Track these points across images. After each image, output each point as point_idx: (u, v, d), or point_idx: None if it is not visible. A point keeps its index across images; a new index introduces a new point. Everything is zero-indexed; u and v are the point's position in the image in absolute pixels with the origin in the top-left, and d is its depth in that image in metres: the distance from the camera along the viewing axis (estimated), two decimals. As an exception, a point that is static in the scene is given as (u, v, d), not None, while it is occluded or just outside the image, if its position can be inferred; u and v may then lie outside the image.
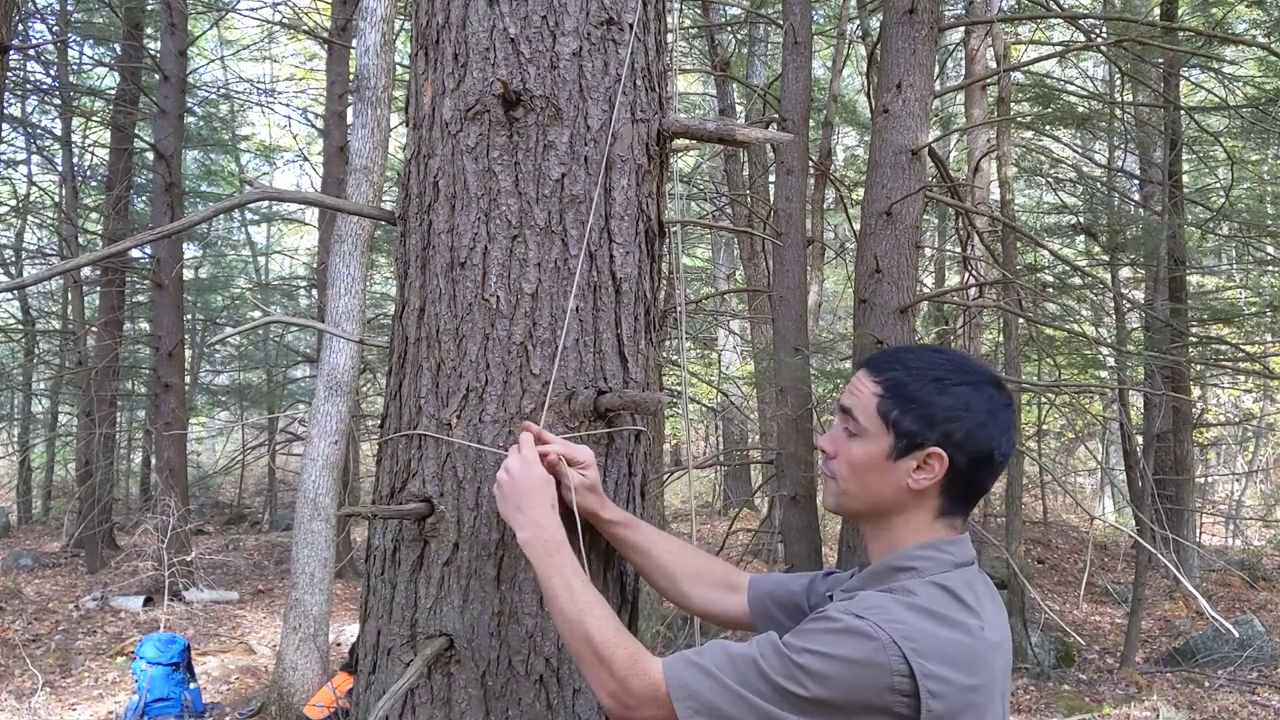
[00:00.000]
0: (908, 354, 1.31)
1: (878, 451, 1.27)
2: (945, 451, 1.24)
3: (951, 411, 1.24)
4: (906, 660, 1.12)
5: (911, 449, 1.26)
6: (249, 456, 15.30)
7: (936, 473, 1.25)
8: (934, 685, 1.12)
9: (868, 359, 1.34)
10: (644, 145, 1.58)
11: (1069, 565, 11.38)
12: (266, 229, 19.45)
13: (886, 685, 1.12)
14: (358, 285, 5.86)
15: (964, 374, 1.27)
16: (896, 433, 1.26)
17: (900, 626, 1.15)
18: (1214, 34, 7.84)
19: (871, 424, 1.28)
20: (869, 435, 1.28)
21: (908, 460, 1.26)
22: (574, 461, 1.44)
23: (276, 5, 13.44)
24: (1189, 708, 6.46)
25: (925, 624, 1.16)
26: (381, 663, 1.56)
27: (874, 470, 1.28)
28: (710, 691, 1.17)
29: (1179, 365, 8.46)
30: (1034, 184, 13.38)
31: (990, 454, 1.26)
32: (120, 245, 1.75)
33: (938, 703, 1.13)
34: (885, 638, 1.13)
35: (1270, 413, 14.42)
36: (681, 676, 1.19)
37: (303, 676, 5.89)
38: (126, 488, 16.38)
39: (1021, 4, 10.61)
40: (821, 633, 1.17)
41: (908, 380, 1.27)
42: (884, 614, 1.16)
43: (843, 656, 1.13)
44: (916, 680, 1.12)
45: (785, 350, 6.83)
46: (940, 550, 1.26)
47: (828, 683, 1.13)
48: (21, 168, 14.59)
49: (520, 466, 1.38)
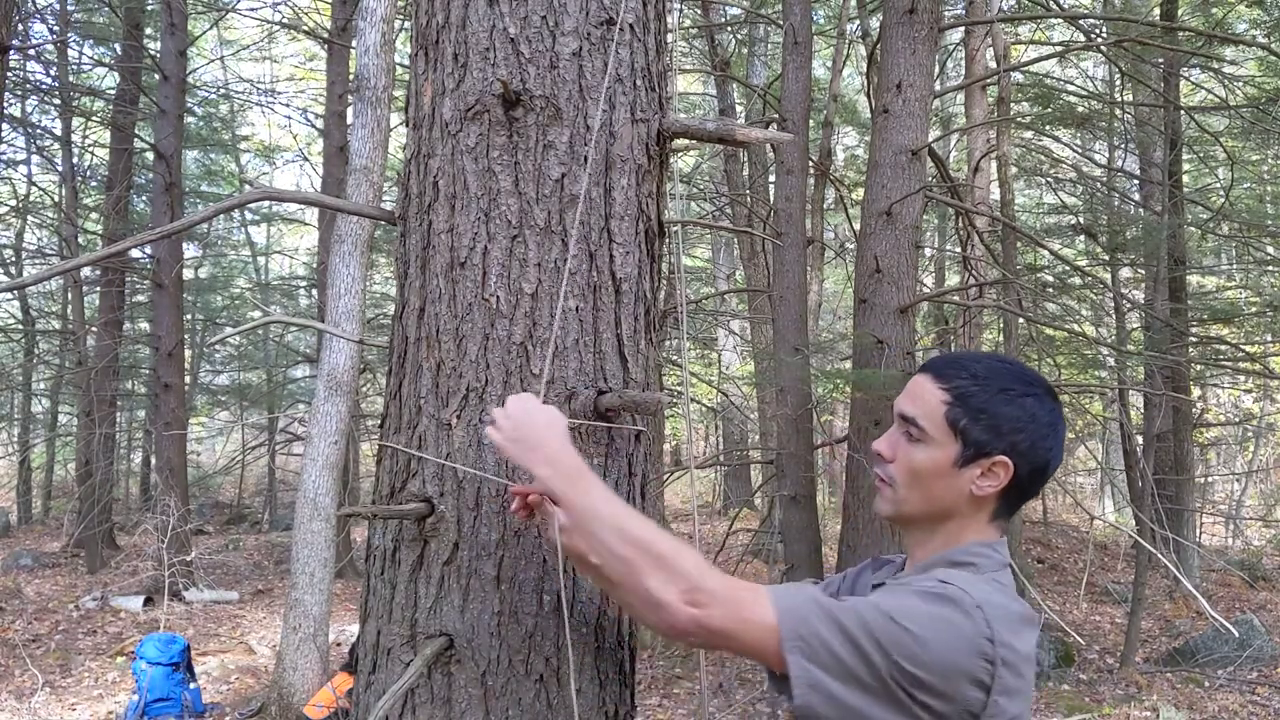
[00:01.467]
0: (973, 362, 1.32)
1: (944, 458, 1.29)
2: (1012, 460, 1.27)
3: (1018, 422, 1.27)
4: (989, 625, 1.14)
5: (979, 457, 1.28)
6: (249, 456, 15.30)
7: (1001, 480, 1.28)
8: (1007, 654, 1.14)
9: (929, 364, 1.35)
10: (644, 145, 1.58)
11: (1069, 565, 11.38)
12: (266, 229, 19.46)
13: (976, 649, 1.13)
14: (358, 285, 5.86)
15: (1028, 385, 1.30)
16: (965, 441, 1.28)
17: (981, 595, 1.17)
18: (1214, 34, 7.83)
19: (938, 431, 1.29)
20: (934, 442, 1.29)
21: (973, 468, 1.28)
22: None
23: (276, 5, 13.45)
24: (1189, 708, 6.46)
25: (996, 596, 1.19)
26: (381, 663, 1.56)
27: (938, 477, 1.29)
28: (820, 623, 1.14)
29: (1179, 365, 8.46)
30: (1034, 184, 13.39)
31: (1048, 464, 1.30)
32: (120, 245, 1.75)
33: (1008, 672, 1.14)
34: (971, 600, 1.15)
35: (1270, 413, 14.42)
36: (789, 600, 1.17)
37: (303, 676, 5.89)
38: (126, 488, 16.39)
39: (1021, 4, 10.61)
40: (918, 596, 1.17)
41: (976, 390, 1.28)
42: (964, 581, 1.19)
43: (939, 615, 1.14)
44: (995, 647, 1.13)
45: (785, 350, 6.83)
46: (995, 551, 1.30)
47: (928, 640, 1.12)
48: (21, 168, 14.60)
49: (520, 409, 1.32)
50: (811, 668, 1.13)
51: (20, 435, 15.53)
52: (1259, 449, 15.28)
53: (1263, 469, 14.96)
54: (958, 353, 1.39)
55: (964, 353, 1.38)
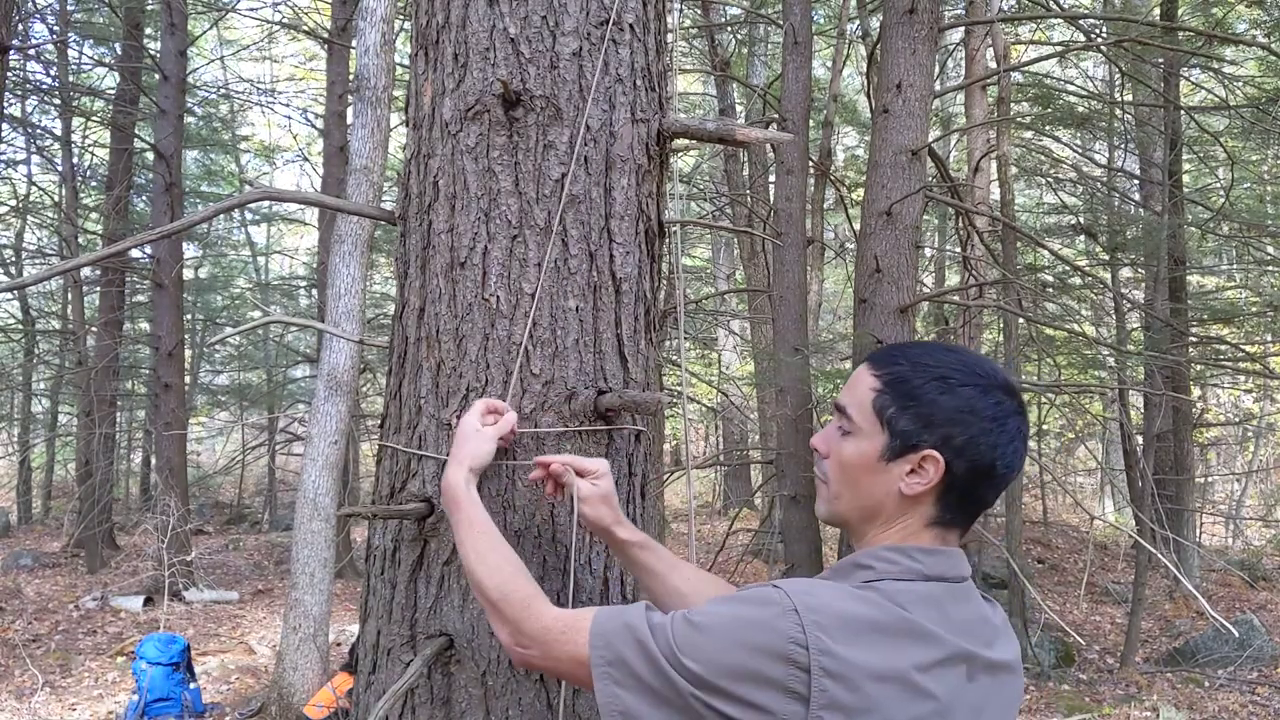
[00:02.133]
0: (914, 349, 1.20)
1: (871, 450, 1.16)
2: (942, 456, 1.13)
3: (953, 413, 1.13)
4: (805, 629, 1.02)
5: (906, 450, 1.15)
6: (249, 456, 15.30)
7: (931, 478, 1.14)
8: (832, 664, 1.01)
9: (871, 354, 1.23)
10: (644, 145, 1.58)
11: (1069, 565, 11.38)
12: (266, 229, 19.46)
13: (779, 652, 1.02)
14: (358, 285, 5.86)
15: (973, 375, 1.15)
16: (891, 431, 1.15)
17: (809, 599, 1.05)
18: (1214, 34, 7.83)
19: (866, 421, 1.17)
20: (862, 433, 1.17)
21: (901, 463, 1.15)
22: (584, 471, 1.42)
23: (276, 5, 13.45)
24: (1189, 708, 6.46)
25: (846, 603, 1.06)
26: (381, 663, 1.56)
27: (866, 471, 1.17)
28: (625, 646, 1.10)
29: (1179, 365, 8.46)
30: (1034, 184, 13.37)
31: (993, 465, 1.14)
32: (120, 245, 1.75)
33: (837, 686, 1.01)
34: (788, 604, 1.04)
35: (1270, 413, 14.42)
36: (603, 625, 1.14)
37: (303, 676, 5.89)
38: (126, 488, 16.39)
39: (1021, 4, 10.61)
40: (729, 600, 1.11)
41: (910, 376, 1.16)
42: (798, 585, 1.08)
43: (741, 616, 1.06)
44: (810, 653, 1.01)
45: (785, 350, 6.83)
46: (909, 557, 1.13)
47: (718, 640, 1.05)
48: (21, 168, 14.60)
49: (460, 424, 1.42)
50: (619, 692, 1.09)
51: (20, 435, 15.53)
52: (1259, 449, 15.28)
53: (1263, 469, 14.96)
54: (908, 342, 1.25)
55: (915, 342, 1.26)
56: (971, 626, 1.12)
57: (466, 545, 1.31)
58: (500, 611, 1.23)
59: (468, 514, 1.33)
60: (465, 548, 1.31)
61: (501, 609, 1.23)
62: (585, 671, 1.13)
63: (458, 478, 1.36)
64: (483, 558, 1.28)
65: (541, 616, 1.20)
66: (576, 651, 1.14)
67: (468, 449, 1.38)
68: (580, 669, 1.14)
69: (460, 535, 1.32)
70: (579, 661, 1.14)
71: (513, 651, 1.23)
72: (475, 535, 1.31)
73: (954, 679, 1.07)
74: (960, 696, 1.08)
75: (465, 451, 1.38)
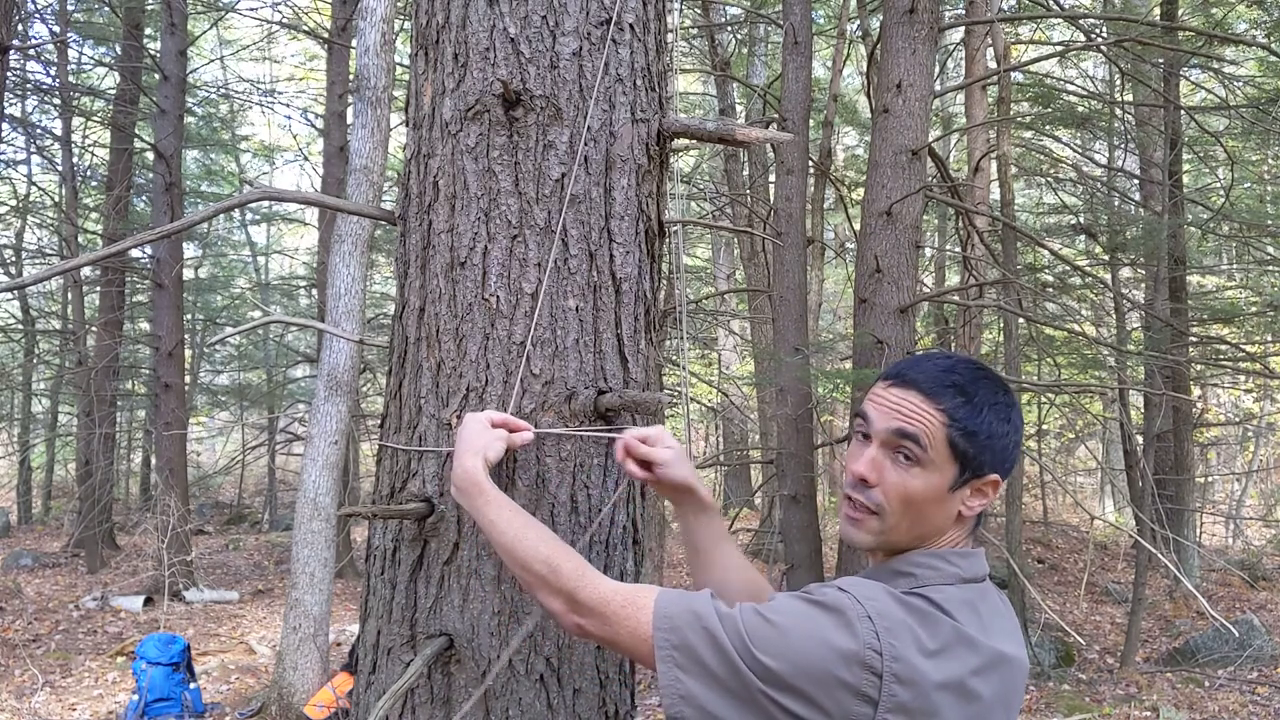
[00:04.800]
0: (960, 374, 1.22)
1: (941, 483, 1.20)
2: (1001, 476, 1.22)
3: (1009, 438, 1.22)
4: (879, 636, 1.07)
5: (973, 478, 1.21)
6: (249, 456, 15.30)
7: (991, 498, 1.22)
8: (902, 670, 1.06)
9: (909, 378, 1.23)
10: (644, 145, 1.58)
11: (1069, 565, 11.38)
12: (266, 229, 19.46)
13: (857, 657, 1.06)
14: (358, 285, 5.86)
15: (1006, 393, 1.23)
16: (963, 464, 1.20)
17: (876, 604, 1.10)
18: (1214, 34, 7.82)
19: (940, 455, 1.19)
20: (933, 465, 1.19)
21: (964, 489, 1.21)
22: (649, 440, 1.44)
23: (276, 5, 13.45)
24: (1189, 708, 6.46)
25: (904, 613, 1.11)
26: (381, 663, 1.56)
27: (933, 503, 1.21)
28: (693, 632, 1.12)
29: (1179, 365, 8.46)
30: (1034, 184, 13.38)
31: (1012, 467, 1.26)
32: (120, 245, 1.75)
33: (905, 691, 1.06)
34: (860, 610, 1.09)
35: (1270, 413, 14.41)
36: (669, 608, 1.15)
37: (303, 676, 5.89)
38: (126, 488, 16.40)
39: (1021, 4, 10.61)
40: (799, 599, 1.14)
41: (972, 411, 1.19)
42: (863, 589, 1.12)
43: (817, 618, 1.09)
44: (884, 660, 1.06)
45: (785, 350, 6.83)
46: (947, 561, 1.20)
47: (796, 639, 1.08)
48: (21, 168, 14.62)
49: (464, 422, 1.40)
50: (683, 677, 1.11)
51: (20, 435, 15.54)
52: (1259, 449, 15.28)
53: (1263, 469, 14.96)
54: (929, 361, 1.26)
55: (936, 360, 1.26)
56: (998, 624, 1.19)
57: (500, 525, 1.29)
58: (550, 584, 1.22)
59: (493, 496, 1.32)
60: (499, 528, 1.29)
61: (551, 581, 1.22)
62: (646, 649, 1.15)
63: (475, 464, 1.34)
64: (522, 535, 1.27)
65: (598, 587, 1.20)
66: (638, 629, 1.16)
67: (481, 441, 1.37)
68: (641, 645, 1.16)
69: (490, 517, 1.30)
70: (640, 639, 1.16)
71: (565, 619, 1.22)
72: (508, 515, 1.30)
73: (995, 680, 1.15)
74: (997, 694, 1.15)
75: (479, 443, 1.37)
